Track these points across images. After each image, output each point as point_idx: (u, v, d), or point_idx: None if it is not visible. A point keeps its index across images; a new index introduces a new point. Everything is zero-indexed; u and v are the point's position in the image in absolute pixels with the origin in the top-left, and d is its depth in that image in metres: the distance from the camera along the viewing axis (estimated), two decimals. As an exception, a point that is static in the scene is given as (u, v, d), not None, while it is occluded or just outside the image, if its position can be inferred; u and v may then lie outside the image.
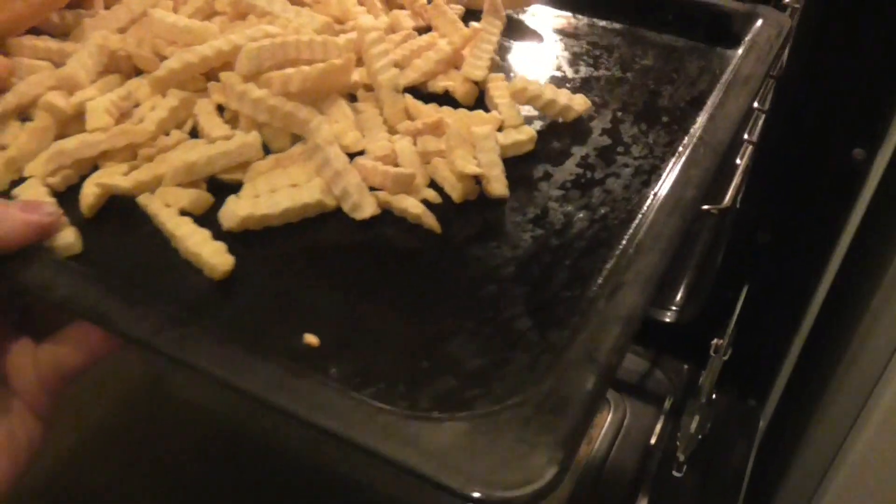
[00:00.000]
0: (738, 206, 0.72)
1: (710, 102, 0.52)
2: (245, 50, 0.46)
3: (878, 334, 0.61)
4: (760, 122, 0.68)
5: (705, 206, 0.65)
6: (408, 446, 0.30)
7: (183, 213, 0.42)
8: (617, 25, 0.62)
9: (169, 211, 0.41)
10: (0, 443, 0.37)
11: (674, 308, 0.84)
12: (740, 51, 0.57)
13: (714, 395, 0.83)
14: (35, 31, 0.53)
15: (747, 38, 0.58)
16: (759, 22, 0.59)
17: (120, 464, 0.67)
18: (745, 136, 0.68)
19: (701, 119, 0.50)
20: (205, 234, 0.40)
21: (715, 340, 0.79)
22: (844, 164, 0.62)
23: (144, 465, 0.66)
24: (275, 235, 0.42)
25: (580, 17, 0.63)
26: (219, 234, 0.41)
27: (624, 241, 0.41)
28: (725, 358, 0.78)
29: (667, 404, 0.85)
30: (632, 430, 0.82)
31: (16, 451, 0.38)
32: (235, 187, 0.44)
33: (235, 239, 0.41)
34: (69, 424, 0.70)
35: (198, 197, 0.42)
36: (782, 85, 0.65)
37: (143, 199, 0.42)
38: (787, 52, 0.64)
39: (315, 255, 0.41)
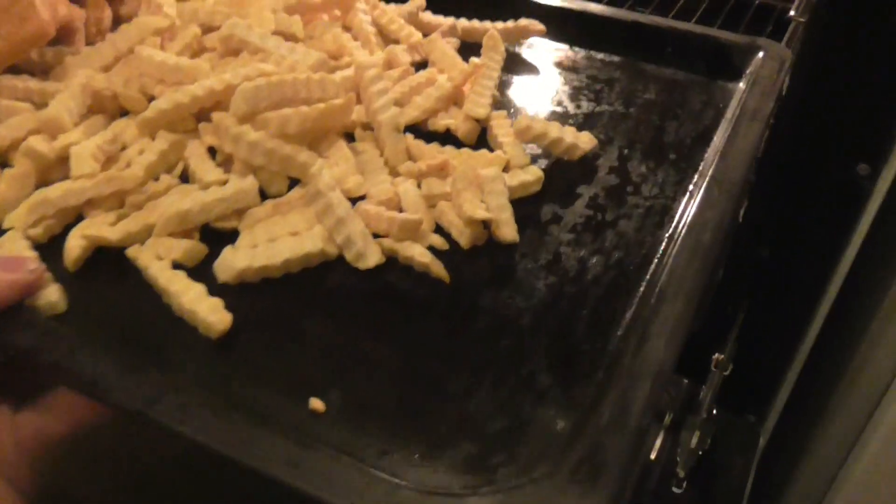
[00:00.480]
0: (740, 220, 0.71)
1: (718, 138, 0.50)
2: (240, 90, 0.44)
3: (882, 351, 0.61)
4: (763, 136, 0.67)
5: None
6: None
7: (175, 265, 0.39)
8: (615, 58, 0.60)
9: (161, 264, 0.39)
10: None
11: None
12: (742, 84, 0.56)
13: (714, 411, 0.82)
14: (14, 69, 0.50)
15: (749, 71, 0.57)
16: (760, 54, 0.58)
17: (106, 474, 0.65)
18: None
19: (709, 155, 0.49)
20: (199, 289, 0.37)
21: (716, 355, 0.77)
22: (848, 179, 0.60)
23: (129, 477, 0.64)
24: (274, 286, 0.40)
25: (577, 49, 0.61)
26: (214, 287, 0.38)
27: (642, 288, 0.40)
28: (726, 373, 0.77)
29: (666, 419, 0.84)
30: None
31: None
32: (230, 235, 0.42)
33: (232, 292, 0.39)
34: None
35: (191, 248, 0.40)
36: (786, 99, 0.64)
37: (132, 252, 0.40)
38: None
39: (317, 308, 0.39)
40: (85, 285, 0.39)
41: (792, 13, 0.67)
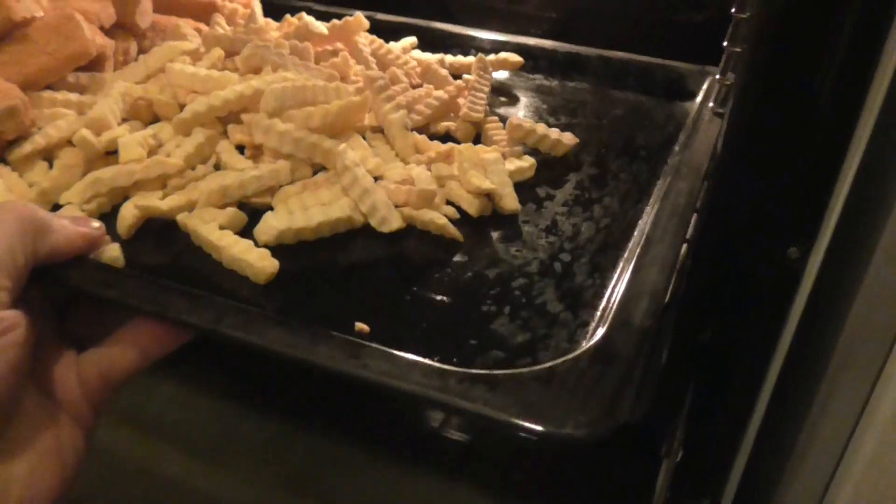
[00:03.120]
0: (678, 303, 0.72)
1: (681, 139, 0.58)
2: (269, 90, 0.50)
3: (827, 427, 0.61)
4: (693, 220, 0.70)
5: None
6: (480, 400, 0.32)
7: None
8: (585, 85, 0.69)
9: (209, 226, 0.43)
10: (49, 452, 0.37)
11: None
12: (698, 99, 0.65)
13: (668, 497, 0.82)
14: (50, 90, 0.55)
15: (702, 90, 0.66)
16: (710, 79, 0.67)
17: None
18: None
19: (675, 150, 0.56)
20: (248, 242, 0.42)
21: (665, 441, 0.79)
22: (779, 262, 0.59)
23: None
24: (309, 248, 0.45)
25: (551, 79, 0.70)
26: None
27: (631, 242, 0.46)
28: (677, 459, 0.78)
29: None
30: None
31: (63, 462, 0.37)
32: (264, 212, 0.47)
33: (272, 252, 0.44)
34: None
35: (234, 215, 0.45)
36: (714, 182, 0.68)
37: (182, 218, 0.44)
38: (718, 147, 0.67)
39: (352, 263, 0.44)
40: (139, 248, 0.43)
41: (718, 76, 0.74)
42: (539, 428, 0.31)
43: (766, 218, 0.64)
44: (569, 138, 0.56)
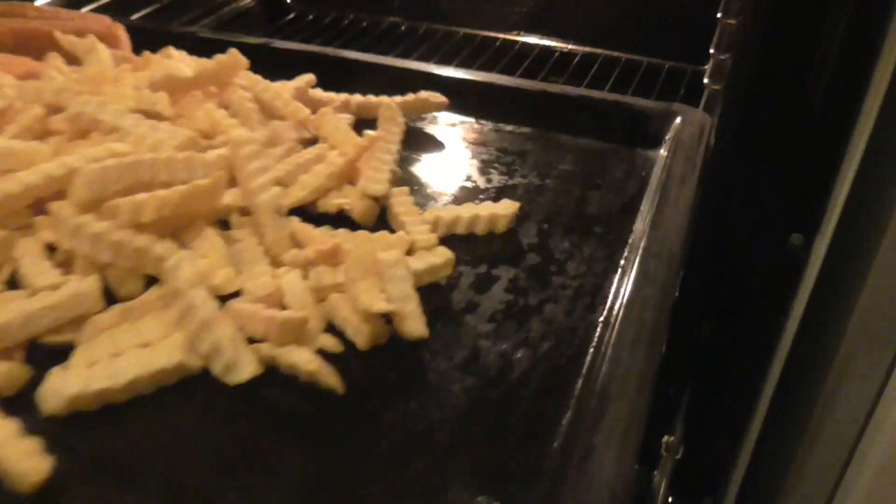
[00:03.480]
0: (677, 295, 0.67)
1: (645, 207, 0.45)
2: (83, 172, 0.36)
3: (833, 425, 0.56)
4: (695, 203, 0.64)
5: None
6: None
7: (-15, 396, 0.30)
8: (526, 129, 0.55)
9: (-39, 395, 0.30)
10: None
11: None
12: (663, 151, 0.52)
13: (670, 499, 0.76)
14: None
15: (668, 137, 0.53)
16: (678, 120, 0.54)
17: None
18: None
19: (638, 226, 0.44)
20: (9, 428, 0.28)
21: (665, 438, 0.72)
22: (782, 250, 0.57)
23: None
24: (119, 415, 0.31)
25: (484, 122, 0.56)
26: (37, 423, 0.30)
27: (579, 385, 0.33)
28: (678, 457, 0.71)
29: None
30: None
31: None
32: (66, 353, 0.33)
33: (62, 426, 0.30)
34: None
35: (7, 372, 0.31)
36: (710, 170, 0.61)
37: (-76, 382, 0.30)
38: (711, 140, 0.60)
39: (177, 438, 0.30)
40: None
41: (706, 80, 0.64)
42: None
43: (768, 203, 0.58)
44: (506, 206, 0.43)
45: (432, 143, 0.54)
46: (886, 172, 0.45)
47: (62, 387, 0.30)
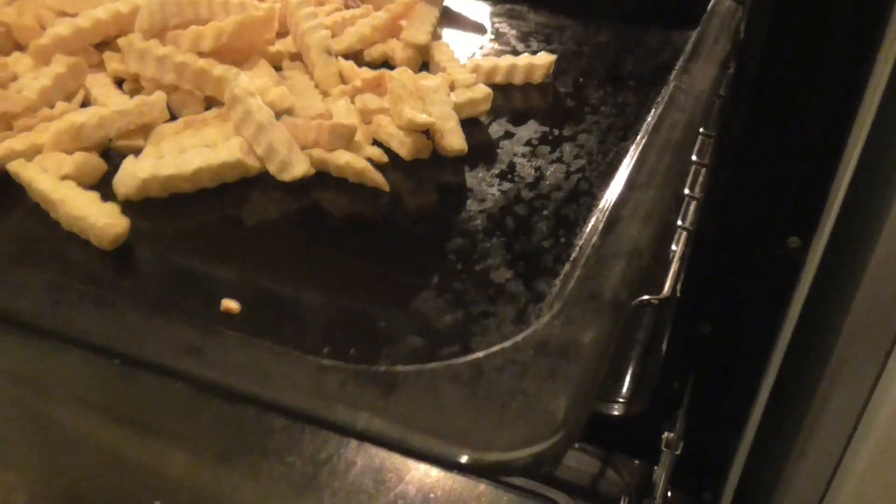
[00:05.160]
0: (678, 294, 0.68)
1: (680, 64, 0.47)
2: (145, 4, 0.39)
3: (828, 422, 0.59)
4: (692, 209, 0.65)
5: (644, 297, 0.61)
6: (366, 410, 0.22)
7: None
8: (563, 9, 0.57)
9: (47, 175, 0.33)
10: None
11: (620, 400, 0.78)
12: (698, 28, 0.53)
13: (669, 493, 0.78)
14: None
15: (706, 13, 0.54)
16: (712, 3, 0.55)
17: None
18: (679, 223, 0.64)
19: (672, 78, 0.45)
20: (91, 195, 0.31)
21: (665, 434, 0.73)
22: (780, 252, 0.59)
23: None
24: (186, 204, 0.34)
25: (521, 6, 0.58)
26: (113, 204, 0.33)
27: (608, 191, 0.35)
28: (678, 452, 0.73)
29: (623, 504, 0.79)
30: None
31: None
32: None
33: (136, 211, 0.33)
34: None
35: (85, 162, 0.34)
36: (714, 170, 0.61)
37: (14, 167, 0.34)
38: (713, 141, 0.61)
39: (238, 226, 0.33)
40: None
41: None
42: (448, 452, 0.21)
43: (766, 206, 0.59)
44: (542, 58, 0.45)
45: (470, 24, 0.55)
46: (882, 176, 0.47)
47: (136, 171, 0.33)
